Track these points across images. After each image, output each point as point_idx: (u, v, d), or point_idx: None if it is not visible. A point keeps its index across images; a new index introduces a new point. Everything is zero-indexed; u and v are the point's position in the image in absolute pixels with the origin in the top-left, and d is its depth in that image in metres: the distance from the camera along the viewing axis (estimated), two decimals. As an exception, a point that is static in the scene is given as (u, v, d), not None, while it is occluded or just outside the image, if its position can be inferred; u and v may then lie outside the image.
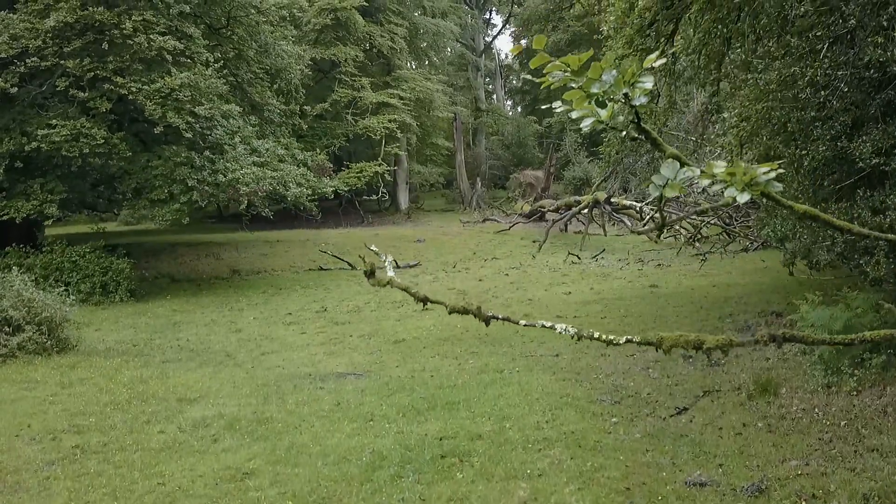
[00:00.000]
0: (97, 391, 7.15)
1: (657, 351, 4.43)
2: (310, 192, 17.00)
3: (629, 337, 2.57)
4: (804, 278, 13.03)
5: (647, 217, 21.90)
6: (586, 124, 2.06)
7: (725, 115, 9.03)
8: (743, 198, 1.95)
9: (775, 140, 5.69)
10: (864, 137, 4.66)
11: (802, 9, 5.22)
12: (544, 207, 28.77)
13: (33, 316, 9.17)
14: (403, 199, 35.89)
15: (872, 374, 5.06)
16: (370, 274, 2.70)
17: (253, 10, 16.71)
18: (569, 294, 13.15)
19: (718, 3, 8.52)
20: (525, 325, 2.95)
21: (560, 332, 2.75)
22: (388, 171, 31.46)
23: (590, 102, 2.06)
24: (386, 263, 3.20)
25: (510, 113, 56.62)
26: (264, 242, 23.72)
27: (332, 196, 25.04)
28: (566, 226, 25.63)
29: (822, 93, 4.93)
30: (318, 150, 25.53)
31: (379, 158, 30.39)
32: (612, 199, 23.76)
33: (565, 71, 2.09)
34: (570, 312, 10.73)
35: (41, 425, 5.92)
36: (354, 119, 29.82)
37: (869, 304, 6.03)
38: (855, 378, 5.02)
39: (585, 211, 24.08)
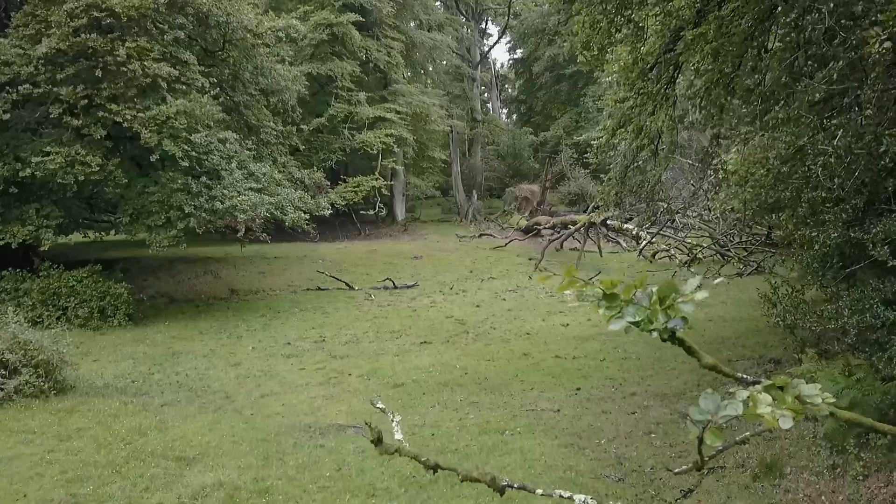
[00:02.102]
0: (95, 447, 7.09)
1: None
2: (307, 217, 16.96)
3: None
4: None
5: (644, 243, 22.00)
6: (617, 326, 2.01)
7: (728, 161, 9.02)
8: (786, 424, 1.92)
9: (789, 221, 5.69)
10: (878, 228, 4.64)
11: (817, 94, 5.18)
12: (540, 224, 28.83)
13: (30, 359, 9.09)
14: (400, 211, 35.91)
15: (879, 457, 5.05)
16: (377, 441, 2.64)
17: (248, 34, 16.66)
18: (566, 326, 13.13)
19: (723, 55, 8.51)
20: (542, 495, 2.89)
21: (578, 506, 2.69)
22: (384, 185, 31.48)
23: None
24: (394, 424, 3.13)
25: (505, 121, 56.66)
26: (262, 259, 23.63)
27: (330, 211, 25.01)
28: (561, 244, 25.67)
29: (836, 179, 4.90)
30: (315, 166, 25.49)
31: (376, 172, 30.40)
32: (609, 222, 23.84)
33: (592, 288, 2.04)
34: (569, 351, 10.71)
35: (37, 495, 5.86)
36: (351, 133, 29.80)
37: (870, 369, 6.02)
38: (861, 462, 5.02)
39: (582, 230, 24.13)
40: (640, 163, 11.05)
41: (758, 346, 10.13)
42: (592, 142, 13.09)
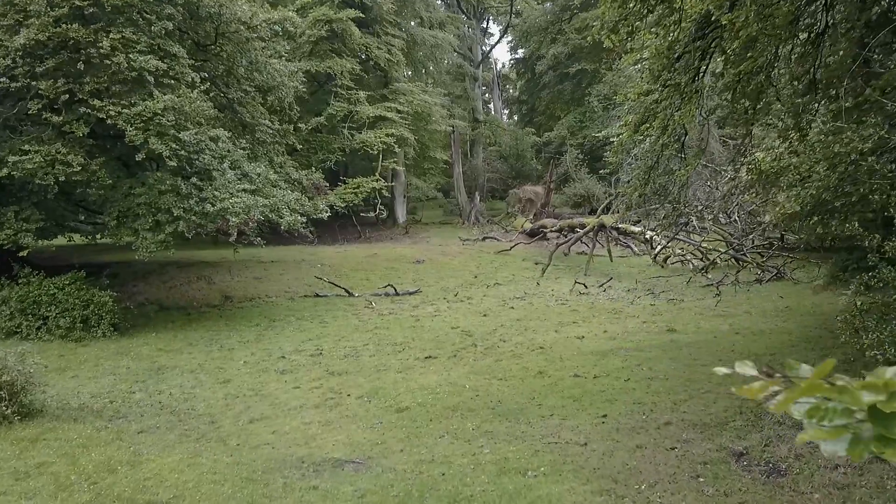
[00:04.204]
0: (55, 488, 6.17)
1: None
2: (304, 220, 16.03)
3: None
4: (835, 325, 12.15)
5: (659, 247, 21.08)
6: (839, 448, 1.08)
7: (761, 160, 8.10)
8: None
9: (844, 224, 4.80)
10: None
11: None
12: (546, 227, 27.92)
13: (-9, 380, 8.18)
14: (401, 213, 35.06)
15: None
16: None
17: (242, 27, 15.75)
18: (582, 339, 12.22)
19: (762, 41, 7.59)
20: None
21: None
22: (385, 186, 30.59)
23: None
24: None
25: (507, 122, 55.75)
26: (258, 263, 22.72)
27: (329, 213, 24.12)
28: (569, 248, 24.76)
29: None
30: (313, 166, 24.60)
31: (376, 173, 29.52)
32: (620, 225, 22.93)
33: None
34: (588, 369, 9.79)
35: (-22, 554, 4.95)
36: (351, 133, 28.92)
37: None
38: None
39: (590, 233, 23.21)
40: (655, 161, 10.16)
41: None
42: (611, 139, 12.15)
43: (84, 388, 10.36)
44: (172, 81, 14.11)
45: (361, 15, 28.91)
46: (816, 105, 7.04)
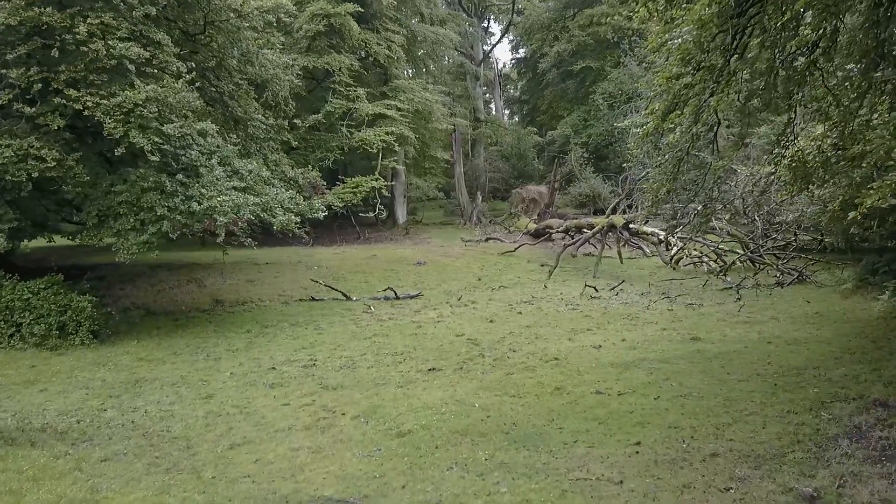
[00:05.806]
0: (-11, 537, 5.17)
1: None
2: (298, 220, 15.00)
3: None
4: (875, 333, 11.16)
5: (676, 249, 20.07)
6: None
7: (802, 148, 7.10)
8: None
9: None
10: None
11: None
12: (551, 228, 26.91)
13: (-64, 400, 7.20)
14: (401, 213, 34.07)
15: None
16: None
17: (233, 15, 14.75)
18: (599, 348, 11.21)
19: (815, 20, 6.58)
20: None
21: None
22: (385, 186, 29.61)
23: None
24: None
25: (507, 122, 54.79)
26: (252, 265, 21.73)
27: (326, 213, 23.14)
28: (577, 249, 23.74)
29: None
30: (310, 164, 23.61)
31: (376, 173, 28.54)
32: (631, 225, 21.91)
33: None
34: (611, 384, 8.78)
35: None
36: (350, 131, 27.94)
37: None
38: None
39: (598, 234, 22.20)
40: (686, 152, 9.18)
41: (847, 381, 8.20)
42: (636, 129, 11.16)
43: (51, 405, 9.37)
44: (156, 71, 13.13)
45: (360, 10, 27.97)
46: (883, 86, 6.07)
